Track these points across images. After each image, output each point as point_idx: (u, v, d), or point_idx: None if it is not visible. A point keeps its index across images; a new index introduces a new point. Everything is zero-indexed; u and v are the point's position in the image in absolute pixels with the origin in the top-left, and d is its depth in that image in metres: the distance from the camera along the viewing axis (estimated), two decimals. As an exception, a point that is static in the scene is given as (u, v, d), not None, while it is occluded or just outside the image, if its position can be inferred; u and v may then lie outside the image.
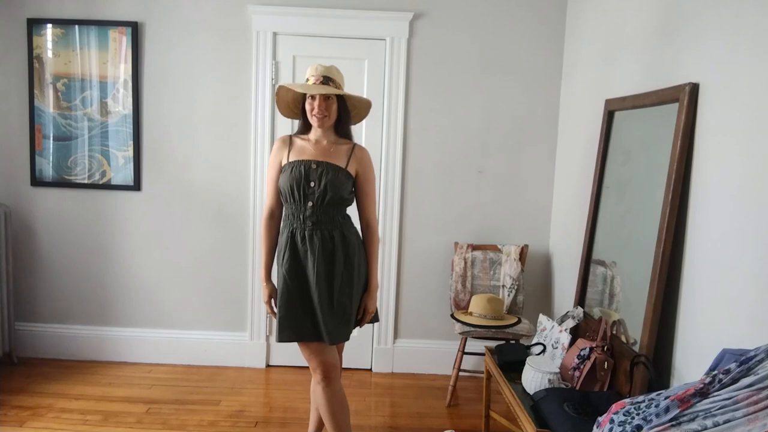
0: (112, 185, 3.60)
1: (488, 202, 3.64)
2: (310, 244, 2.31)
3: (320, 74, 2.31)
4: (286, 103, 2.45)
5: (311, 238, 2.31)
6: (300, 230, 2.33)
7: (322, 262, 2.29)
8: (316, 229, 2.31)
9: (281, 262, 2.36)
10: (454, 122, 3.59)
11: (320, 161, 2.33)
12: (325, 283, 2.30)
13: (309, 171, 2.31)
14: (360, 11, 3.47)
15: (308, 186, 2.31)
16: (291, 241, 2.34)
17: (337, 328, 2.32)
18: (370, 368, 3.75)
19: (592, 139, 2.95)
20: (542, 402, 2.15)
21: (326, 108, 2.31)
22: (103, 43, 3.50)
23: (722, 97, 1.94)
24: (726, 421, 1.28)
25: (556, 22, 3.52)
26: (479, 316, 3.21)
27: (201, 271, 3.67)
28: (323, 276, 2.29)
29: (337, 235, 2.33)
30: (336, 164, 2.33)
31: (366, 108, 2.49)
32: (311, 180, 2.31)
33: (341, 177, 2.33)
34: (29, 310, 3.69)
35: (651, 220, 2.22)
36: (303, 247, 2.32)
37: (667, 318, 2.16)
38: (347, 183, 2.35)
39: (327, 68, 2.34)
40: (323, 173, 2.30)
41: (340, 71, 2.39)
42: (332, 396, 2.36)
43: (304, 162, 2.33)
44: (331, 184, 2.30)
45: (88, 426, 2.90)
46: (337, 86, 2.34)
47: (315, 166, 2.32)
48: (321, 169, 2.31)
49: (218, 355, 3.71)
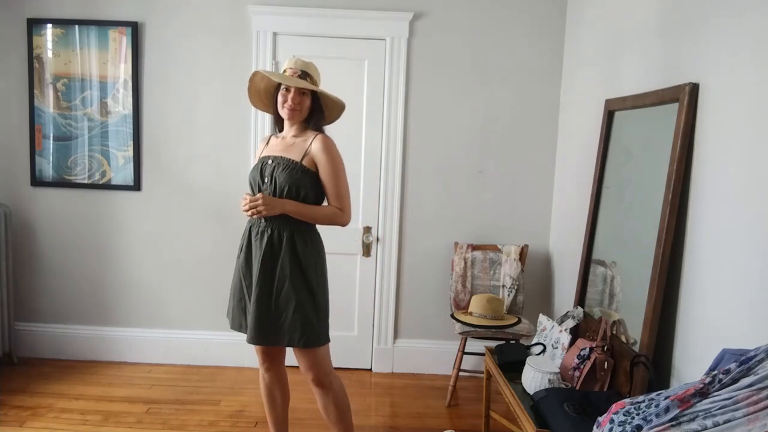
0: (112, 185, 3.60)
1: (488, 202, 3.64)
2: (260, 241, 2.26)
3: (298, 68, 2.25)
4: (257, 92, 2.37)
5: (262, 235, 2.26)
6: (256, 226, 2.29)
7: (267, 262, 2.24)
8: (268, 227, 2.25)
9: (237, 255, 2.37)
10: (454, 122, 3.59)
11: (276, 156, 2.28)
12: (267, 284, 2.23)
13: (264, 167, 2.29)
14: (360, 11, 3.47)
15: (262, 182, 2.27)
16: (248, 237, 2.32)
17: (272, 331, 2.23)
18: (370, 368, 3.75)
19: (592, 139, 2.95)
20: (542, 402, 2.15)
21: (299, 102, 2.24)
22: (103, 43, 3.50)
23: (722, 97, 1.94)
24: (726, 421, 1.28)
25: (556, 21, 3.52)
26: (479, 316, 3.21)
27: (201, 271, 3.67)
28: (266, 277, 2.23)
29: (286, 235, 2.24)
30: (290, 158, 2.25)
31: (340, 110, 2.38)
32: (265, 175, 2.27)
33: (295, 173, 2.23)
34: (29, 310, 3.69)
35: (651, 220, 2.22)
36: (256, 243, 2.28)
37: (667, 318, 2.16)
38: (304, 178, 2.23)
39: (306, 63, 2.29)
40: (275, 169, 2.25)
41: (317, 69, 2.33)
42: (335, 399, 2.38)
43: (263, 158, 2.31)
44: (284, 180, 2.22)
45: (88, 426, 2.90)
46: (313, 83, 2.27)
47: (270, 161, 2.28)
48: (274, 164, 2.26)
49: (218, 355, 3.71)
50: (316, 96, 2.30)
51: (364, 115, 3.57)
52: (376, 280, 3.68)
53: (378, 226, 3.64)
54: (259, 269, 2.23)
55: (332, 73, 3.30)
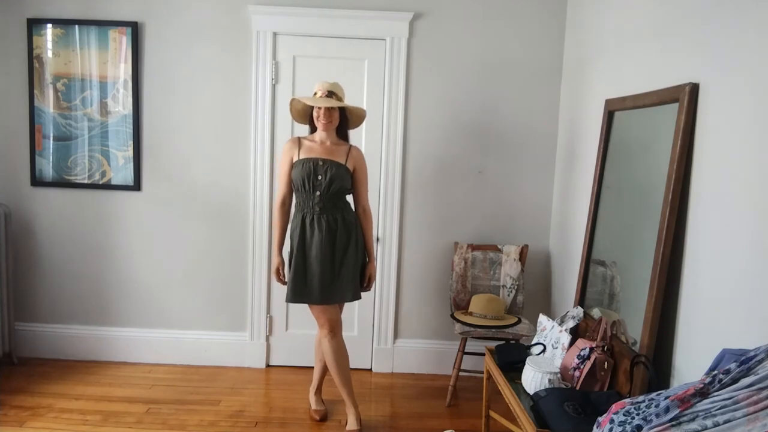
0: (112, 185, 3.60)
1: (488, 202, 3.64)
2: (318, 225, 2.83)
3: (325, 89, 2.86)
4: (297, 111, 2.98)
5: (318, 220, 2.84)
6: (309, 215, 2.86)
7: (327, 240, 2.82)
8: (323, 213, 2.84)
9: (294, 240, 2.87)
10: (454, 122, 3.59)
11: (325, 159, 2.86)
12: (329, 256, 2.83)
13: (317, 167, 2.84)
14: (360, 11, 3.47)
15: (316, 179, 2.83)
16: (301, 224, 2.86)
17: (335, 292, 2.86)
18: (370, 368, 3.76)
19: (592, 139, 2.95)
20: (542, 402, 2.15)
21: (329, 116, 2.86)
22: (103, 43, 3.50)
23: (722, 97, 1.94)
24: (726, 421, 1.28)
25: (556, 22, 3.52)
26: (479, 316, 3.21)
27: (201, 271, 3.67)
28: (328, 250, 2.83)
29: (339, 218, 2.86)
30: (338, 161, 2.87)
31: (361, 117, 3.01)
32: (318, 174, 2.83)
33: (342, 171, 2.86)
34: (29, 310, 3.69)
35: (651, 220, 2.22)
36: (311, 228, 2.84)
37: (667, 318, 2.16)
38: (347, 176, 2.89)
39: (332, 84, 2.87)
40: (328, 169, 2.84)
41: (341, 86, 2.91)
42: (337, 346, 2.90)
43: (313, 159, 2.86)
44: (335, 177, 2.82)
45: (88, 426, 2.90)
46: (338, 98, 2.86)
47: (321, 162, 2.85)
48: (326, 165, 2.84)
49: (218, 355, 3.71)
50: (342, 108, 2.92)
51: (364, 115, 3.57)
52: (376, 280, 3.67)
53: (378, 226, 3.64)
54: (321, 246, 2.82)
55: (332, 73, 3.33)
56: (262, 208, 3.60)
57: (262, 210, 3.60)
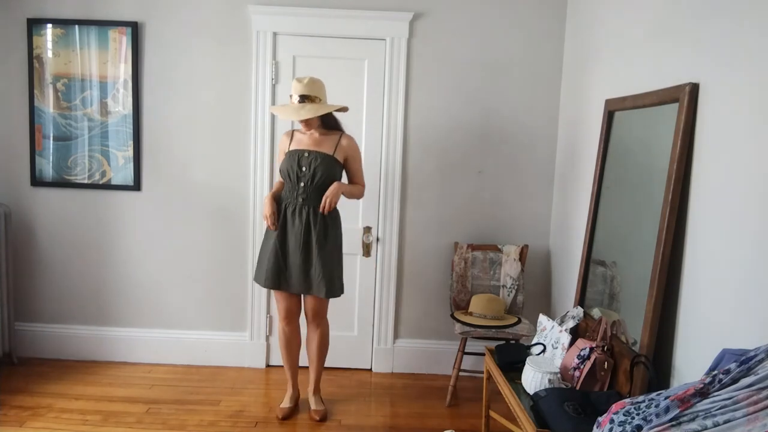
0: (112, 185, 3.60)
1: (488, 202, 3.64)
2: (299, 216, 2.87)
3: (298, 93, 2.81)
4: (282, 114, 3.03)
5: (300, 211, 2.87)
6: (291, 205, 2.89)
7: (305, 231, 2.86)
8: (305, 204, 2.87)
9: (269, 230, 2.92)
10: (454, 122, 3.59)
11: (312, 150, 2.90)
12: (306, 247, 2.87)
13: (301, 158, 2.88)
14: (360, 11, 3.47)
15: (300, 170, 2.86)
16: (284, 214, 2.91)
17: (310, 283, 2.90)
18: (370, 368, 3.75)
19: (592, 139, 2.95)
20: (542, 402, 2.15)
21: (306, 122, 2.88)
22: (103, 43, 3.50)
23: (722, 97, 1.94)
24: (726, 421, 1.28)
25: (556, 22, 3.52)
26: (479, 316, 3.21)
27: (201, 271, 3.67)
28: (305, 241, 2.87)
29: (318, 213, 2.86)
30: (324, 152, 2.89)
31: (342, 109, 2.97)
32: (303, 165, 2.86)
33: (328, 162, 2.88)
34: (29, 310, 3.69)
35: (651, 220, 2.22)
36: (292, 218, 2.89)
37: (667, 318, 2.16)
38: (334, 166, 2.90)
39: (304, 86, 2.81)
40: (313, 160, 2.87)
41: (317, 83, 2.84)
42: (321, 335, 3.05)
43: (299, 151, 2.91)
44: (318, 168, 2.85)
45: (88, 426, 2.90)
46: (313, 100, 2.82)
47: (307, 154, 2.89)
48: (311, 156, 2.88)
49: (218, 355, 3.71)
50: None
51: (364, 115, 3.57)
52: (376, 280, 3.68)
53: (378, 226, 3.64)
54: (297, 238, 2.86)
55: (332, 73, 3.33)
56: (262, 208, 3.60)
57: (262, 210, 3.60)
